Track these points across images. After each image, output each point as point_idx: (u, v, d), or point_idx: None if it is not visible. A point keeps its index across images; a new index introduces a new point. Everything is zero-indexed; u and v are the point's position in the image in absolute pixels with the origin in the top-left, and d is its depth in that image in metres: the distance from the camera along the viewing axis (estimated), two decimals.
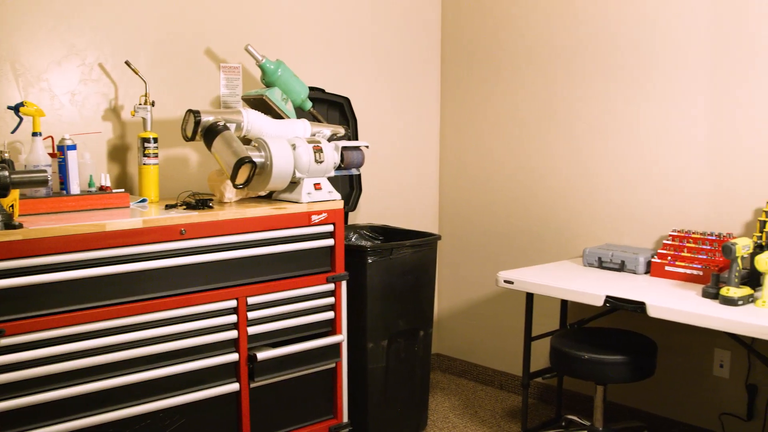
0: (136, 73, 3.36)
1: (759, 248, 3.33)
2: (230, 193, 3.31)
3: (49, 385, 2.65)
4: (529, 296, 3.78)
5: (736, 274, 3.15)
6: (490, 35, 4.56)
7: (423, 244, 3.85)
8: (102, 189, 3.10)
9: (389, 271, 3.70)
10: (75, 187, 3.03)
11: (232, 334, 3.10)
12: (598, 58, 4.07)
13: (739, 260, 3.16)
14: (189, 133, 3.20)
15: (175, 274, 2.93)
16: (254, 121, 3.31)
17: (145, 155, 3.28)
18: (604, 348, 3.44)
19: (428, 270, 3.92)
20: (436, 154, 4.90)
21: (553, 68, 4.27)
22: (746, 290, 3.14)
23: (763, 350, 3.46)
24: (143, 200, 3.22)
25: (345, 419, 3.55)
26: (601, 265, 3.82)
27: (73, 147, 3.01)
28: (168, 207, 3.09)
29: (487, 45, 4.58)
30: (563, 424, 4.01)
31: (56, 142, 3.06)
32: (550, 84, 4.29)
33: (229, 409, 3.14)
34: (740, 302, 3.10)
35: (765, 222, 3.38)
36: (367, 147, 3.66)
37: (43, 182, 2.67)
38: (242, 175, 3.08)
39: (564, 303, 4.05)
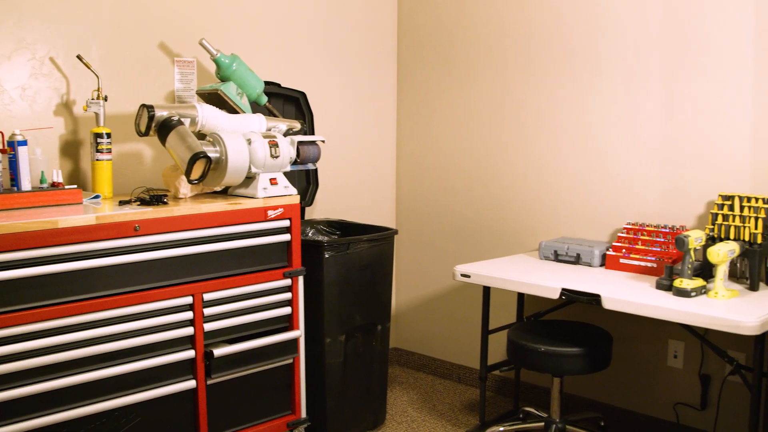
0: (89, 68, 3.32)
1: (711, 240, 3.38)
2: (185, 188, 3.28)
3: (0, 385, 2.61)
4: (486, 290, 3.79)
5: (689, 265, 3.18)
6: (445, 31, 4.56)
7: (380, 238, 3.85)
8: (54, 185, 3.06)
9: (346, 265, 3.69)
10: (26, 184, 2.98)
11: (188, 330, 3.07)
12: (552, 54, 4.10)
13: (691, 252, 3.20)
14: (143, 128, 3.16)
15: (130, 270, 2.89)
16: (209, 116, 3.28)
17: (98, 151, 3.23)
18: (561, 340, 3.46)
19: (385, 264, 3.92)
20: (393, 148, 4.90)
21: (508, 64, 4.29)
22: (699, 282, 3.18)
23: (716, 341, 3.50)
24: (96, 196, 3.18)
25: (303, 414, 3.54)
26: (557, 258, 3.85)
27: (24, 143, 2.97)
28: (122, 203, 3.06)
29: (442, 40, 4.59)
30: (521, 416, 4.04)
31: (6, 138, 3.01)
32: (505, 80, 4.31)
33: (186, 407, 3.12)
34: (693, 293, 3.14)
35: (717, 215, 3.43)
36: (323, 141, 3.65)
37: None
38: (197, 170, 3.05)
39: (521, 296, 4.08)
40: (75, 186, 3.11)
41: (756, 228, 3.31)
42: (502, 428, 3.85)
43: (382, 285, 3.92)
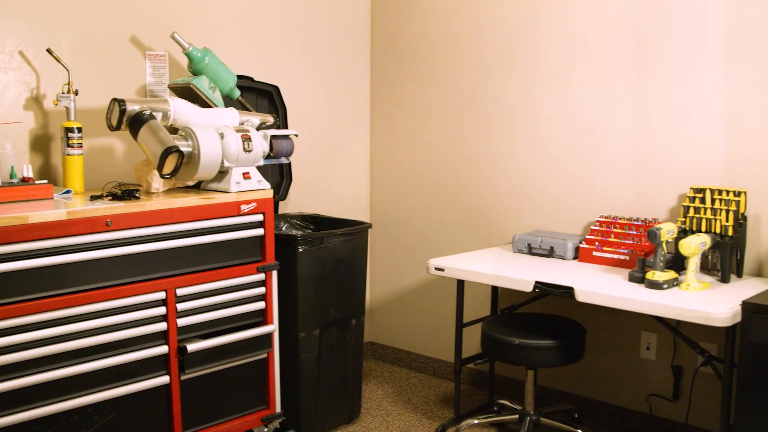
0: (59, 61, 3.29)
1: (683, 233, 3.40)
2: (157, 183, 3.26)
3: None
4: (460, 283, 3.80)
5: (661, 258, 3.21)
6: (419, 26, 4.56)
7: (354, 232, 3.84)
8: (24, 180, 3.02)
9: (320, 260, 3.69)
10: None
11: (161, 326, 3.05)
12: (526, 48, 4.11)
13: (663, 245, 3.22)
14: (114, 123, 3.14)
15: (102, 266, 2.87)
16: (181, 110, 3.26)
17: (68, 145, 3.20)
18: (534, 333, 3.48)
19: (360, 258, 3.92)
20: (367, 142, 4.90)
21: (482, 58, 4.29)
22: (671, 274, 3.21)
23: (688, 332, 3.53)
24: (67, 191, 3.15)
25: (278, 409, 3.54)
26: (531, 251, 3.86)
27: None
28: (93, 198, 3.03)
29: (416, 35, 4.58)
30: (495, 408, 4.05)
31: None
32: (478, 73, 4.32)
33: (159, 402, 3.10)
34: (665, 286, 3.17)
35: (689, 207, 3.45)
36: (296, 135, 3.64)
37: None
38: (169, 164, 3.03)
39: (494, 289, 4.09)
40: (46, 181, 3.08)
41: (727, 220, 3.34)
42: (476, 421, 3.86)
43: (357, 279, 3.92)
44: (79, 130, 3.22)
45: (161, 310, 3.05)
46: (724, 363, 3.14)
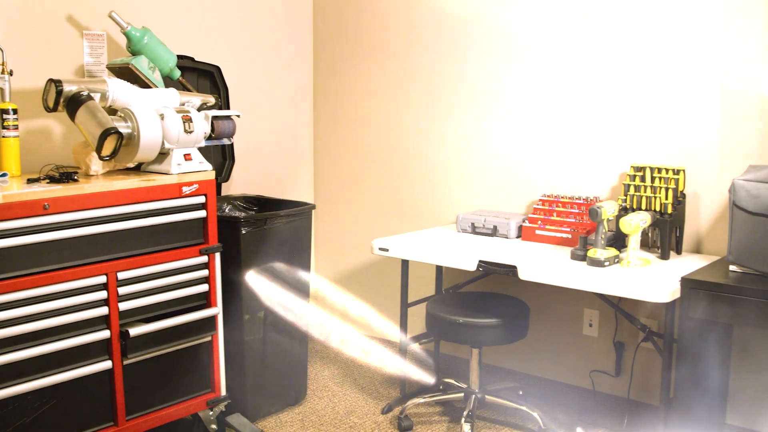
0: None
1: (624, 211, 3.45)
2: (96, 165, 3.20)
3: None
4: (405, 263, 3.81)
5: (603, 236, 3.25)
6: (361, 6, 4.53)
7: (298, 213, 3.83)
8: None
9: (264, 241, 3.66)
10: None
11: (103, 310, 3.01)
12: (469, 30, 4.11)
13: (605, 222, 3.26)
14: (50, 104, 3.08)
15: (40, 250, 2.82)
16: (120, 91, 3.21)
17: (4, 127, 3.13)
18: (478, 312, 3.50)
19: (304, 240, 3.90)
20: (310, 123, 4.87)
21: (424, 39, 4.29)
22: (612, 251, 3.25)
23: (629, 309, 3.59)
24: (4, 175, 3.08)
25: (223, 392, 3.51)
26: (475, 230, 3.88)
27: None
28: (30, 181, 2.97)
29: (359, 13, 4.56)
30: (441, 387, 4.07)
31: None
32: (422, 54, 4.31)
33: (102, 388, 3.06)
34: (606, 263, 3.21)
35: (629, 185, 3.50)
36: (238, 116, 3.60)
37: None
38: (108, 146, 2.98)
39: (439, 269, 4.10)
40: None
41: (666, 198, 3.39)
42: (422, 400, 3.88)
43: (301, 260, 3.90)
44: (15, 111, 3.15)
45: (102, 295, 3.00)
46: (663, 338, 3.19)
